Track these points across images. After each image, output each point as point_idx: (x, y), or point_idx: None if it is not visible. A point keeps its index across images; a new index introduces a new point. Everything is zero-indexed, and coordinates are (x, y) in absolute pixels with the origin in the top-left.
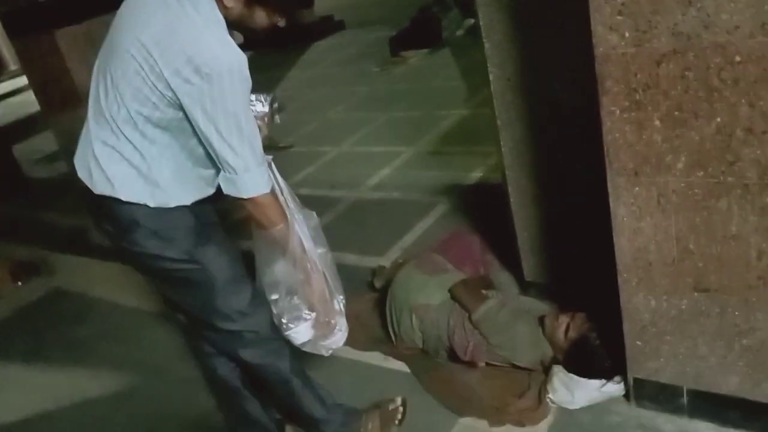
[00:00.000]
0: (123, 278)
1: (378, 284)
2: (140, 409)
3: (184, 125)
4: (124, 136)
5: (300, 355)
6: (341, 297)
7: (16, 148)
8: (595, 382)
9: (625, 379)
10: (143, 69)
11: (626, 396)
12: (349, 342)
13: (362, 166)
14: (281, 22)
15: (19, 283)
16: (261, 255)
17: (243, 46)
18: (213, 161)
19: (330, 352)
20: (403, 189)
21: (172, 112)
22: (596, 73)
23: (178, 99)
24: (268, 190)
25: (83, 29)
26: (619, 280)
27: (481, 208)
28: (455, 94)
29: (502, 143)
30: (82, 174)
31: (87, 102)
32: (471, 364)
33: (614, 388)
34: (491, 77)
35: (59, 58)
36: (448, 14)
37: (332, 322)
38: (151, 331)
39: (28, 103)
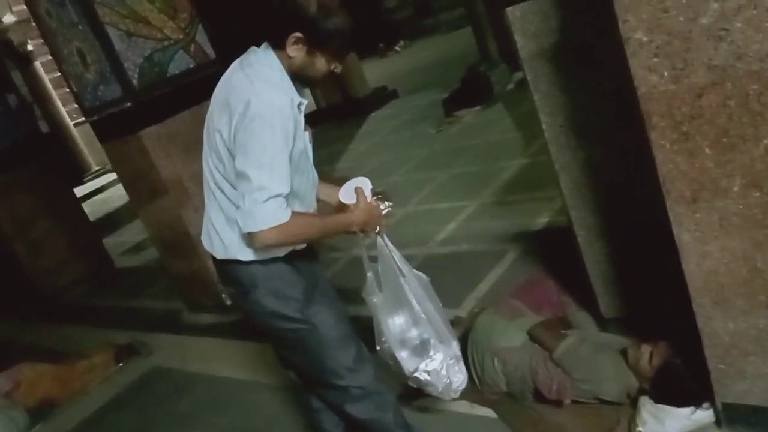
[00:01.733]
0: (217, 351)
1: (457, 333)
2: None
3: None
4: (230, 200)
5: None
6: (456, 343)
7: (105, 241)
8: (685, 411)
9: (713, 405)
10: (222, 136)
11: (717, 422)
12: None
13: (429, 223)
14: (338, 69)
15: (121, 365)
16: (381, 312)
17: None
18: (294, 205)
19: (458, 394)
20: (471, 241)
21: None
22: (642, 111)
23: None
24: (287, 218)
25: (164, 128)
26: (694, 305)
27: (552, 252)
28: (512, 145)
29: (562, 185)
30: (204, 241)
31: (176, 191)
32: (557, 403)
33: (704, 414)
34: (543, 125)
35: (145, 155)
36: (496, 70)
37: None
38: (249, 398)
39: (111, 199)
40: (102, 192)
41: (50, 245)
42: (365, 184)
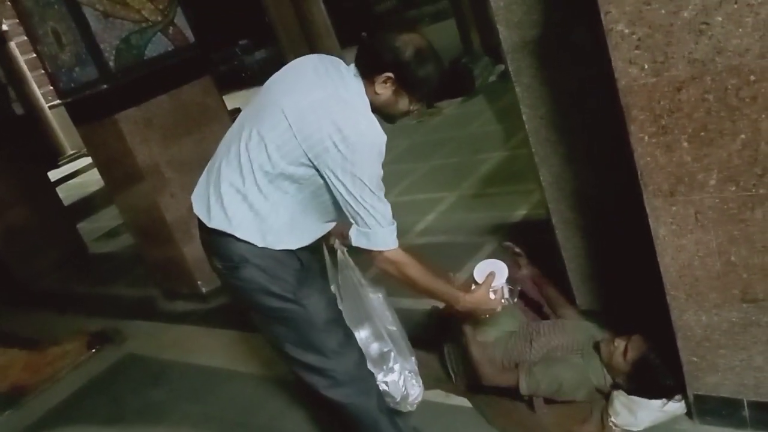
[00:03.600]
0: (193, 339)
1: (433, 322)
2: None
3: (314, 182)
4: (255, 182)
5: None
6: (413, 358)
7: (80, 227)
8: (657, 402)
9: (685, 397)
10: (292, 129)
11: (688, 414)
12: None
13: (408, 214)
14: (416, 111)
15: (93, 351)
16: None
17: None
18: (324, 215)
19: (414, 407)
20: (449, 232)
21: (308, 170)
22: (621, 103)
23: (318, 162)
24: (395, 246)
25: (141, 112)
26: (668, 298)
27: (529, 245)
28: (492, 137)
29: (541, 178)
30: (198, 209)
31: (152, 177)
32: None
33: (676, 406)
34: (525, 117)
35: (121, 140)
36: (478, 63)
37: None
38: (224, 388)
39: (86, 184)
40: (77, 176)
41: (24, 230)
42: (502, 271)
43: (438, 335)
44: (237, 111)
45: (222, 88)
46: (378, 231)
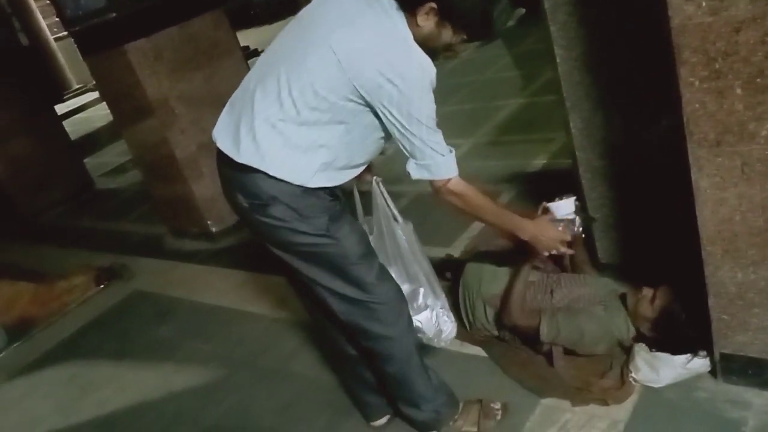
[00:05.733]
0: (200, 278)
1: (449, 273)
2: (227, 402)
3: (361, 121)
4: (297, 118)
5: None
6: (443, 295)
7: (86, 162)
8: (680, 359)
9: (711, 355)
10: (342, 65)
11: (712, 372)
12: None
13: None
14: (460, 44)
15: (101, 287)
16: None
17: None
18: (366, 155)
19: (448, 342)
20: (465, 179)
21: (358, 107)
22: (673, 44)
23: (371, 98)
24: (456, 173)
25: (151, 43)
26: (703, 253)
27: (548, 194)
28: (509, 84)
29: (571, 125)
30: (223, 143)
31: (162, 111)
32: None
33: (700, 363)
34: (558, 59)
35: (130, 72)
36: (497, 6)
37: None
38: (232, 328)
39: (93, 119)
40: (83, 111)
41: (28, 163)
42: (569, 204)
43: (453, 284)
44: (247, 49)
45: (230, 26)
46: (439, 160)
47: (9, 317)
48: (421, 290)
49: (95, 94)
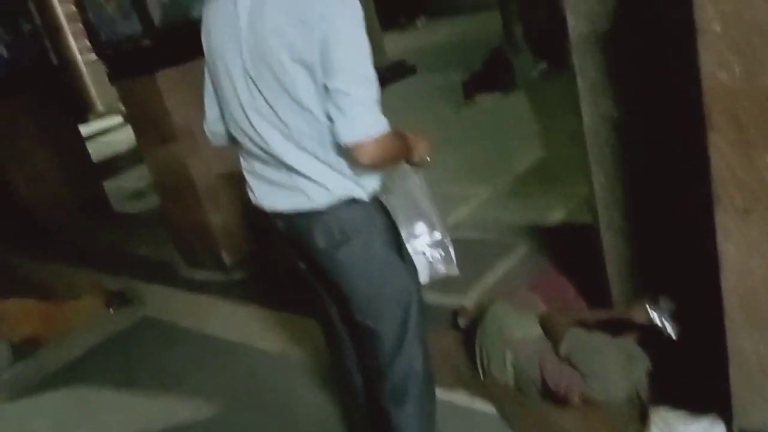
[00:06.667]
0: (211, 310)
1: (462, 323)
2: None
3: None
4: (310, 136)
5: None
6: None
7: (105, 185)
8: (698, 426)
9: (729, 427)
10: (299, 58)
11: None
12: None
13: (438, 205)
14: None
15: (111, 311)
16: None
17: None
18: None
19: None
20: (481, 229)
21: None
22: (704, 108)
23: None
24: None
25: (181, 72)
26: (726, 322)
27: (566, 249)
28: (530, 135)
29: (594, 181)
30: (284, 204)
31: (186, 139)
32: (564, 401)
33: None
34: (585, 115)
35: (159, 98)
36: (520, 56)
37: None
38: (240, 362)
39: (115, 143)
40: (106, 134)
41: (49, 178)
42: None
43: (466, 333)
44: None
45: None
46: (367, 115)
47: (16, 335)
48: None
49: (118, 119)
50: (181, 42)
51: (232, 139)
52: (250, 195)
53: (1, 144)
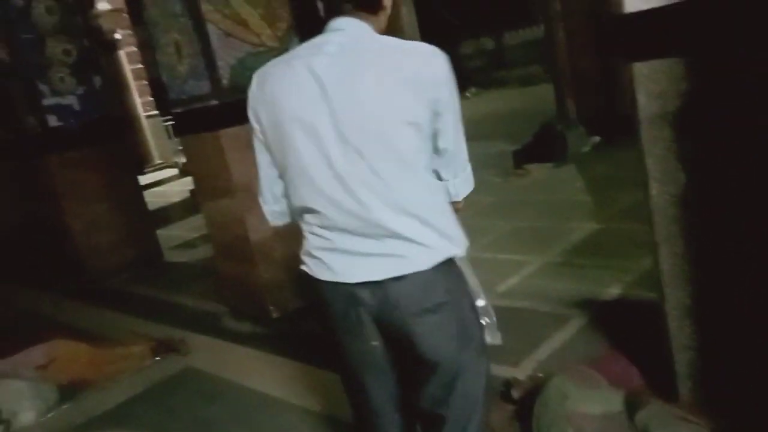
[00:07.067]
0: (254, 363)
1: (516, 395)
2: None
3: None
4: (431, 193)
5: None
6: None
7: (157, 233)
8: None
9: None
10: (418, 120)
11: None
12: None
13: (488, 272)
14: None
15: (157, 359)
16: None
17: None
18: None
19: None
20: (533, 299)
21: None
22: None
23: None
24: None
25: (244, 131)
26: None
27: (625, 326)
28: (583, 207)
29: (660, 260)
30: (362, 276)
31: (244, 195)
32: None
33: None
34: (652, 192)
35: (221, 154)
36: (572, 131)
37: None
38: (281, 420)
39: (168, 194)
40: (160, 185)
41: (105, 226)
42: None
43: (520, 406)
44: None
45: None
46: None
47: (63, 377)
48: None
49: (173, 171)
50: (245, 103)
51: (299, 215)
52: (323, 272)
53: (65, 193)
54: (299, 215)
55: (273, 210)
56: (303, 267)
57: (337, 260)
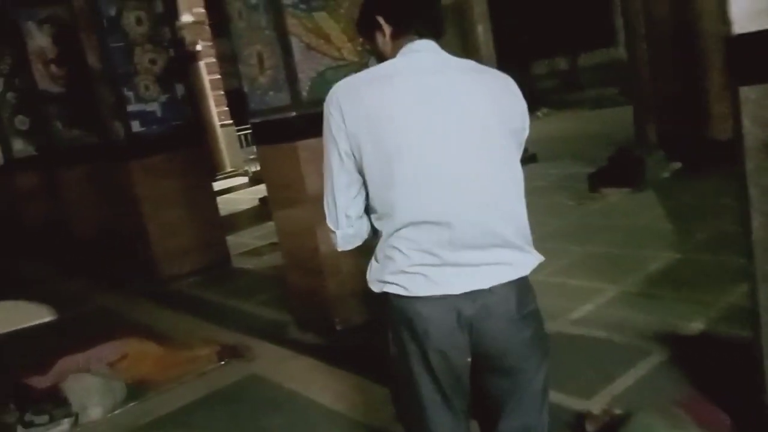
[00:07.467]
0: (318, 375)
1: (590, 429)
2: None
3: None
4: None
5: None
6: None
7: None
8: None
9: None
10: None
11: None
12: None
13: (561, 298)
14: None
15: (222, 363)
16: None
17: None
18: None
19: None
20: (608, 328)
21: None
22: None
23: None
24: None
25: (321, 144)
26: None
27: (709, 365)
28: (661, 236)
29: (761, 297)
30: (469, 285)
31: (317, 206)
32: None
33: None
34: (755, 224)
35: (296, 165)
36: (652, 155)
37: None
38: (337, 430)
39: (238, 201)
40: (230, 192)
41: (179, 230)
42: None
43: None
44: None
45: None
46: None
47: (132, 374)
48: None
49: (244, 179)
50: (322, 115)
51: (395, 234)
52: (422, 287)
53: (144, 197)
54: (395, 234)
55: (346, 234)
56: (389, 287)
57: (441, 274)
